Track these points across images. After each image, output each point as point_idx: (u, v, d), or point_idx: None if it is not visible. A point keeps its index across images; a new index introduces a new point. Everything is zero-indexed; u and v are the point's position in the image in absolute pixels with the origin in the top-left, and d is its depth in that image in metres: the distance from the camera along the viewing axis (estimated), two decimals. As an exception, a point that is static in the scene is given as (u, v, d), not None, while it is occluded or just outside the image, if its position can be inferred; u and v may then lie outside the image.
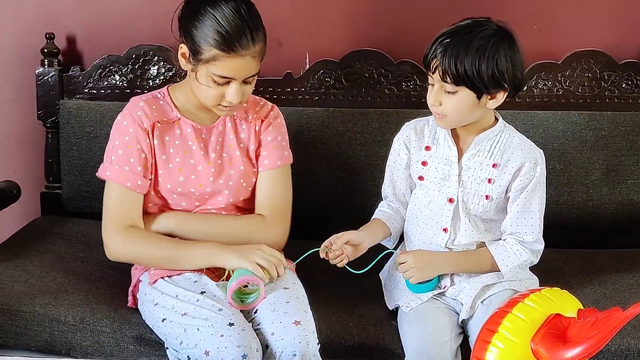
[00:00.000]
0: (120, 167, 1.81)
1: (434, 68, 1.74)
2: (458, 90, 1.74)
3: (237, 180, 1.89)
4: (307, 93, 2.36)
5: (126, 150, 1.81)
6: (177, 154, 1.85)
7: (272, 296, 1.76)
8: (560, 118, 2.30)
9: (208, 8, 1.73)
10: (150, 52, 2.34)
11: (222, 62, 1.72)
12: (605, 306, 1.72)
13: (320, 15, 2.38)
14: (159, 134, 1.84)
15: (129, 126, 1.82)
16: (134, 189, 1.82)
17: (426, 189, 1.90)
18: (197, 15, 1.74)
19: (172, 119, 1.86)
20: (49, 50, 2.33)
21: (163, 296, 1.78)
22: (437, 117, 1.81)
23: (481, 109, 1.79)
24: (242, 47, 1.72)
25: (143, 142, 1.82)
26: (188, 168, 1.85)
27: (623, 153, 2.29)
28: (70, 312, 1.83)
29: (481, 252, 1.87)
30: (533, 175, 1.83)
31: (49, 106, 2.35)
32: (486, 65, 1.71)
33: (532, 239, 1.86)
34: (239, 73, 1.75)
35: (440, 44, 1.74)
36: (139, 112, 1.83)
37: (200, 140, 1.87)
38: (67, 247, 2.15)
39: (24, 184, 2.35)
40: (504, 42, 1.74)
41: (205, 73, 1.75)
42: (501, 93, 1.77)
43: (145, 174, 1.83)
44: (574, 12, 2.36)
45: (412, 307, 1.83)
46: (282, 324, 1.68)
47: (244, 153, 1.91)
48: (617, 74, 2.34)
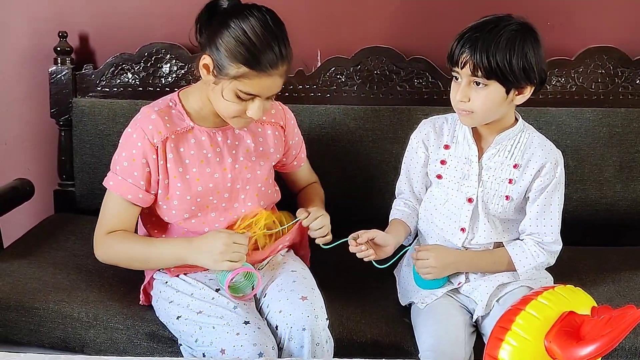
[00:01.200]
0: (124, 179, 1.79)
1: (463, 63, 1.73)
2: (488, 84, 1.73)
3: (255, 184, 1.88)
4: (319, 90, 2.36)
5: (131, 163, 1.78)
6: (193, 164, 1.82)
7: (279, 279, 1.78)
8: (573, 115, 2.29)
9: (236, 21, 1.67)
10: (163, 50, 2.35)
11: (251, 80, 1.68)
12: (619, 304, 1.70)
13: (332, 13, 2.37)
14: (173, 147, 1.79)
15: (138, 140, 1.77)
16: (134, 202, 1.80)
17: (444, 187, 1.89)
18: (224, 28, 1.68)
19: (185, 128, 1.81)
20: (61, 49, 2.34)
21: (178, 294, 1.79)
22: (463, 114, 1.79)
23: (507, 105, 1.78)
24: (272, 67, 1.68)
25: (150, 158, 1.78)
26: (205, 177, 1.82)
27: (637, 150, 2.28)
28: (84, 308, 1.84)
29: (499, 252, 1.86)
30: (553, 175, 1.83)
31: (62, 104, 2.36)
32: (517, 59, 1.71)
33: (551, 240, 1.86)
34: (265, 91, 1.72)
35: (468, 39, 1.73)
36: (150, 126, 1.77)
37: (215, 145, 1.84)
38: (80, 244, 2.16)
39: (37, 182, 2.36)
40: (530, 37, 1.74)
41: (230, 88, 1.70)
42: (528, 88, 1.77)
43: (148, 188, 1.80)
44: (587, 8, 2.35)
45: (427, 304, 1.83)
46: (290, 301, 1.70)
47: (262, 157, 1.90)
48: (630, 70, 2.33)
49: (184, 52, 2.34)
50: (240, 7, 1.72)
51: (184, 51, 2.34)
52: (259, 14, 1.69)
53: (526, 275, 1.85)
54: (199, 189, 1.82)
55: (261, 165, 1.89)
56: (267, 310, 1.74)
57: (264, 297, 1.78)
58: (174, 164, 1.80)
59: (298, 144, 2.01)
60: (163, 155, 1.79)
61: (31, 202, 2.34)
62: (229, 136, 1.86)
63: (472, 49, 1.72)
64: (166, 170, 1.80)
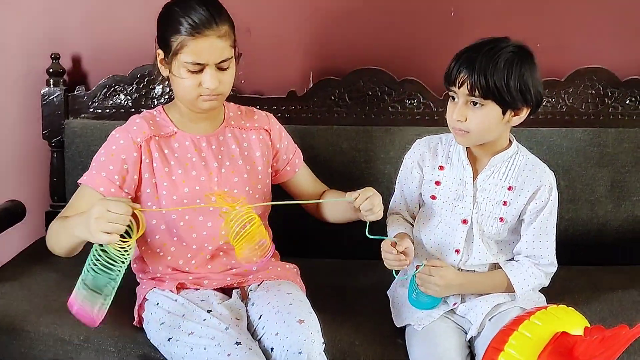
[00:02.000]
0: (98, 173, 1.81)
1: (461, 82, 1.75)
2: (485, 104, 1.74)
3: (243, 187, 1.90)
4: (311, 111, 2.37)
5: (108, 158, 1.82)
6: (178, 166, 1.86)
7: (275, 301, 1.77)
8: (564, 135, 2.30)
9: (174, 6, 1.80)
10: (155, 72, 2.34)
11: (189, 46, 1.76)
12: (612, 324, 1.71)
13: (324, 35, 2.39)
14: (158, 147, 1.86)
15: (120, 138, 1.84)
16: (106, 195, 1.78)
17: (438, 208, 1.89)
18: (165, 16, 1.82)
19: (169, 133, 1.88)
20: (54, 71, 2.35)
21: (169, 315, 1.78)
22: (458, 133, 1.80)
23: (503, 126, 1.79)
24: (205, 26, 1.75)
25: (130, 155, 1.82)
26: (191, 180, 1.86)
27: (628, 169, 2.29)
28: (75, 331, 1.82)
29: (497, 273, 1.86)
30: (548, 199, 1.84)
31: (54, 126, 2.36)
32: (514, 80, 1.72)
33: (548, 262, 1.87)
34: (209, 56, 1.77)
35: (466, 59, 1.75)
36: (134, 127, 1.86)
37: (200, 150, 1.88)
38: (72, 266, 2.12)
39: (29, 203, 2.36)
40: (527, 59, 1.76)
41: (178, 65, 1.78)
42: (524, 109, 1.78)
43: (122, 184, 1.81)
44: (577, 30, 2.37)
45: (423, 325, 1.82)
46: (286, 323, 1.69)
47: (248, 161, 1.93)
48: (620, 91, 2.34)
49: (176, 74, 2.34)
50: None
51: (177, 73, 2.34)
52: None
53: (524, 297, 1.84)
54: (185, 190, 1.85)
55: (248, 169, 1.92)
56: (263, 331, 1.73)
57: (258, 318, 1.77)
58: (160, 163, 1.84)
59: (289, 148, 2.03)
60: (148, 153, 1.84)
61: (23, 224, 2.33)
62: (213, 142, 1.90)
63: (470, 68, 1.73)
64: (152, 169, 1.84)
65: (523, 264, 1.86)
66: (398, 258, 1.77)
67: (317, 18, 2.38)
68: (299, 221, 2.12)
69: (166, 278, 1.88)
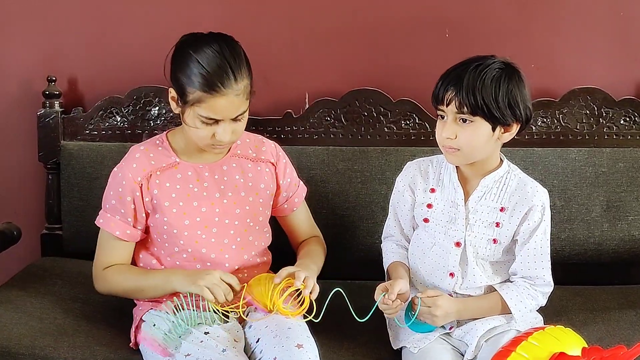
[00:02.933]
0: (112, 216, 1.87)
1: (449, 100, 1.75)
2: (474, 120, 1.74)
3: (244, 219, 1.90)
4: (307, 132, 2.37)
5: (118, 201, 1.86)
6: (179, 198, 1.86)
7: (273, 324, 1.76)
8: (559, 155, 2.30)
9: (191, 52, 1.76)
10: (151, 94, 2.36)
11: (207, 103, 1.74)
12: (609, 344, 1.70)
13: (320, 56, 2.40)
14: (158, 183, 1.85)
15: (123, 178, 1.85)
16: (122, 238, 1.87)
17: (431, 231, 1.89)
18: (182, 59, 1.78)
19: (171, 164, 1.88)
20: (50, 93, 2.35)
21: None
22: (449, 151, 1.80)
23: (494, 143, 1.79)
24: (224, 86, 1.73)
25: (133, 194, 1.85)
26: (192, 210, 1.86)
27: (623, 189, 2.29)
28: (70, 354, 1.81)
29: (493, 297, 1.85)
30: (541, 219, 1.84)
31: (50, 147, 2.36)
32: (502, 95, 1.73)
33: (544, 282, 1.86)
34: (224, 113, 1.76)
35: (453, 77, 1.76)
36: (134, 165, 1.86)
37: (203, 180, 1.88)
38: (68, 288, 2.14)
39: (24, 226, 2.34)
40: (514, 75, 1.77)
41: (193, 115, 1.77)
42: (514, 125, 1.78)
43: (135, 224, 1.87)
44: (571, 50, 2.38)
45: (419, 348, 1.80)
46: (285, 348, 1.68)
47: (251, 193, 1.92)
48: (614, 111, 2.35)
49: (172, 95, 2.35)
50: (195, 36, 1.81)
51: (173, 94, 2.35)
52: (210, 39, 1.78)
53: (522, 319, 1.83)
54: (185, 222, 1.85)
55: (250, 201, 1.91)
56: (260, 355, 1.72)
57: (256, 342, 1.75)
58: (159, 199, 1.85)
59: (290, 186, 2.02)
60: (148, 191, 1.85)
61: (18, 246, 2.32)
62: (216, 172, 1.89)
63: (457, 86, 1.74)
64: (153, 206, 1.86)
65: (519, 285, 1.85)
66: (394, 307, 1.76)
67: (312, 39, 2.39)
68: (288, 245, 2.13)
69: (163, 299, 1.87)
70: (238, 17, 2.36)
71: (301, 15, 2.38)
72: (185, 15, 2.37)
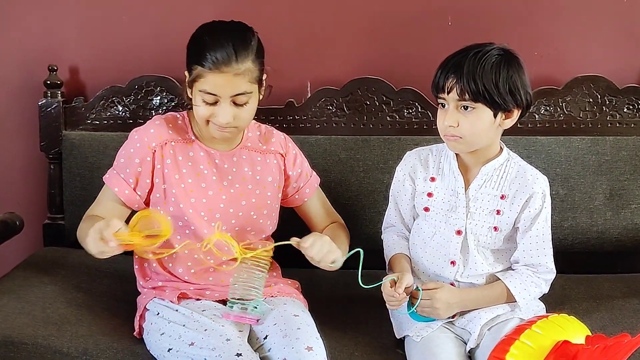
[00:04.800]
0: (117, 174, 1.89)
1: (450, 88, 1.75)
2: (476, 107, 1.74)
3: (247, 212, 1.90)
4: (309, 121, 2.37)
5: (127, 160, 1.88)
6: (189, 175, 1.87)
7: (282, 323, 1.75)
8: (562, 143, 2.30)
9: (203, 33, 1.80)
10: (153, 83, 2.35)
11: (204, 78, 1.76)
12: (613, 332, 1.70)
13: (322, 44, 2.39)
14: (172, 153, 1.87)
15: (138, 141, 1.87)
16: (119, 196, 1.87)
17: (432, 220, 1.89)
18: (194, 40, 1.82)
19: (187, 139, 1.89)
20: (51, 82, 2.35)
21: (170, 325, 1.77)
22: (451, 139, 1.79)
23: (495, 129, 1.79)
24: (222, 63, 1.74)
25: (143, 159, 1.86)
26: (199, 191, 1.87)
27: (626, 177, 2.29)
28: (73, 343, 1.81)
29: (496, 285, 1.84)
30: (542, 206, 1.83)
31: (52, 137, 2.36)
32: (503, 81, 1.73)
33: (546, 269, 1.86)
34: (221, 90, 1.76)
35: (453, 64, 1.76)
36: (152, 130, 1.87)
37: (213, 165, 1.89)
38: (70, 278, 2.14)
39: (26, 216, 2.35)
40: (513, 61, 1.77)
41: (195, 92, 1.80)
42: (515, 111, 1.78)
43: (136, 187, 1.88)
44: (574, 38, 2.37)
45: (422, 336, 1.80)
46: (295, 350, 1.67)
47: (259, 186, 1.92)
48: (617, 99, 2.35)
49: (174, 85, 2.35)
50: (213, 22, 1.83)
51: (174, 83, 2.34)
52: (225, 24, 1.81)
53: (526, 306, 1.83)
54: (192, 200, 1.86)
55: (257, 194, 1.91)
56: (269, 353, 1.71)
57: (264, 339, 1.75)
58: (171, 169, 1.86)
59: (301, 177, 2.01)
60: (160, 159, 1.86)
61: (20, 236, 2.32)
62: (226, 161, 1.90)
63: (457, 73, 1.74)
64: (163, 174, 1.87)
65: (522, 273, 1.85)
66: (400, 299, 1.76)
67: (314, 27, 2.38)
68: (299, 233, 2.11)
69: (167, 288, 1.87)
70: (240, 5, 2.35)
71: (303, 3, 2.37)
72: (187, 4, 2.36)
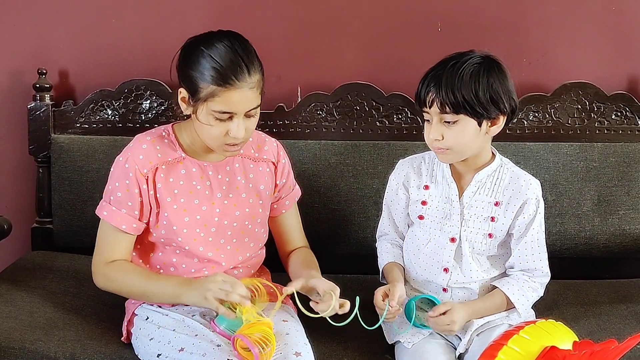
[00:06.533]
0: (118, 209, 1.82)
1: (430, 102, 1.75)
2: (458, 119, 1.74)
3: (242, 222, 1.89)
4: (299, 126, 2.37)
5: (125, 194, 1.81)
6: (181, 194, 1.83)
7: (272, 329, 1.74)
8: (550, 149, 2.31)
9: (203, 48, 1.73)
10: (143, 87, 2.35)
11: (221, 97, 1.71)
12: (600, 338, 1.71)
13: (312, 49, 2.39)
14: (162, 177, 1.82)
15: (130, 170, 1.80)
16: (128, 232, 1.83)
17: (426, 227, 1.89)
18: (192, 56, 1.75)
19: (176, 158, 1.84)
20: (41, 86, 2.34)
21: (160, 330, 1.76)
22: (439, 152, 1.79)
23: (483, 137, 1.79)
24: (238, 79, 1.71)
25: (140, 187, 1.81)
26: (193, 209, 1.84)
27: (614, 184, 2.30)
28: (61, 348, 1.80)
29: (496, 294, 1.84)
30: (536, 211, 1.84)
31: (41, 141, 2.35)
32: (483, 89, 1.72)
33: (542, 273, 1.87)
34: (238, 106, 1.73)
35: (432, 77, 1.75)
36: (140, 156, 1.81)
37: (206, 178, 1.85)
38: (58, 282, 2.13)
39: (14, 219, 2.33)
40: (493, 67, 1.76)
41: (206, 111, 1.74)
42: (501, 117, 1.78)
43: (141, 217, 1.83)
44: (563, 45, 2.39)
45: (413, 343, 1.80)
46: (283, 355, 1.67)
47: (252, 194, 1.90)
48: (606, 106, 2.36)
49: (163, 88, 2.34)
50: (203, 34, 1.78)
51: (164, 87, 2.34)
52: (219, 35, 1.76)
53: (525, 312, 1.84)
54: (185, 219, 1.83)
55: (250, 203, 1.90)
56: None
57: None
58: (162, 193, 1.82)
59: (284, 188, 1.99)
60: (152, 185, 1.82)
61: (8, 240, 2.30)
62: (219, 171, 1.88)
63: (436, 86, 1.73)
64: (156, 199, 1.83)
65: (518, 279, 1.85)
66: (394, 312, 1.76)
67: (305, 32, 2.38)
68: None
69: None
70: (230, 10, 2.36)
71: (294, 8, 2.37)
72: (177, 8, 2.36)
